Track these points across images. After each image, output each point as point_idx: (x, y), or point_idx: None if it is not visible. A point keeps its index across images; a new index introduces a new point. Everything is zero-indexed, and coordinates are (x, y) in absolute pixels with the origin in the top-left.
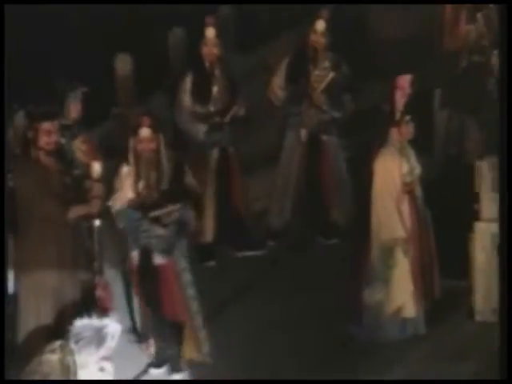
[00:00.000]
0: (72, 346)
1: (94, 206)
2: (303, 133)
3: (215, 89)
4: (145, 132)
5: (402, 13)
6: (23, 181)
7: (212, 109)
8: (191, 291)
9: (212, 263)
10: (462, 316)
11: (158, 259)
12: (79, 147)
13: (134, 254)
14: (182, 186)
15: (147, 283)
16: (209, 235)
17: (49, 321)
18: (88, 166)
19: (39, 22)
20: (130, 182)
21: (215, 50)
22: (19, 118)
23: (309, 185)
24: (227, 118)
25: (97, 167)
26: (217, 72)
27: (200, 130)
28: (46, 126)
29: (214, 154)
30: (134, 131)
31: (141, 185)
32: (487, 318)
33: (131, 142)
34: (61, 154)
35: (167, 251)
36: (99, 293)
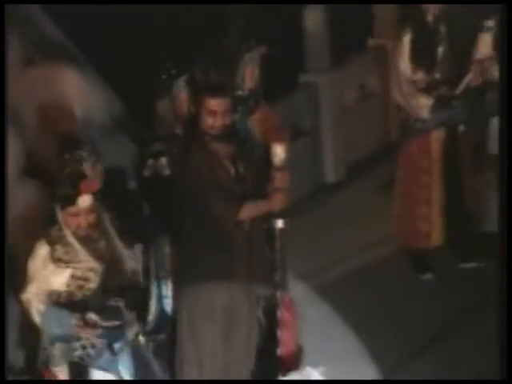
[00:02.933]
0: None
1: (277, 202)
2: None
3: (440, 50)
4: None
5: None
6: (184, 168)
7: (438, 76)
8: None
9: (429, 276)
10: None
11: None
12: (257, 125)
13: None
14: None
15: None
16: (434, 239)
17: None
18: (268, 150)
19: None
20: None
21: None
22: (178, 87)
23: None
24: (458, 90)
25: (280, 151)
26: (442, 29)
27: (423, 104)
28: (212, 103)
29: (440, 134)
30: None
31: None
32: None
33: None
34: (233, 134)
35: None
36: (283, 314)
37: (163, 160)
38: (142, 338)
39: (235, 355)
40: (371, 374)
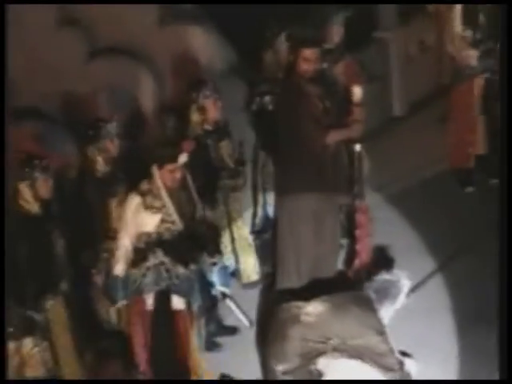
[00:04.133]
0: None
1: (355, 131)
2: None
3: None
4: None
5: None
6: (284, 104)
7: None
8: None
9: (470, 189)
10: None
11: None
12: (341, 71)
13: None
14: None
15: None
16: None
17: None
18: (349, 91)
19: None
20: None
21: None
22: (280, 42)
23: None
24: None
25: (358, 91)
26: None
27: (471, 55)
28: (307, 53)
29: (482, 80)
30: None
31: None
32: None
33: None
34: (322, 78)
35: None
36: (360, 217)
37: (267, 98)
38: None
39: (324, 249)
40: (429, 264)
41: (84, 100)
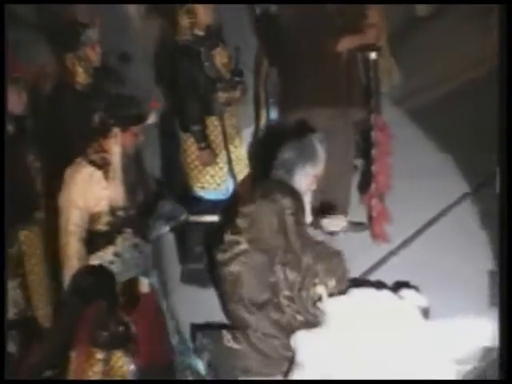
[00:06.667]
0: None
1: (370, 36)
2: None
3: None
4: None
5: None
6: (286, 11)
7: None
8: None
9: None
10: None
11: None
12: None
13: None
14: None
15: None
16: None
17: None
18: None
19: None
20: None
21: None
22: None
23: None
24: None
25: None
26: None
27: None
28: None
29: None
30: None
31: None
32: None
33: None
34: None
35: None
36: (377, 135)
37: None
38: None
39: (336, 170)
40: (459, 187)
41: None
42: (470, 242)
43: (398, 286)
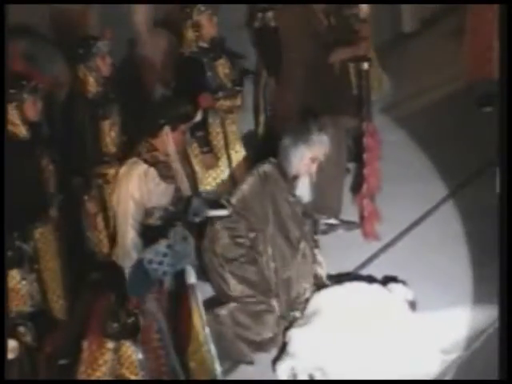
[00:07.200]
0: None
1: (362, 49)
2: None
3: None
4: None
5: None
6: (285, 20)
7: None
8: None
9: (489, 109)
10: None
11: None
12: None
13: None
14: None
15: None
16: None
17: None
18: (356, 7)
19: None
20: None
21: None
22: None
23: None
24: None
25: (365, 7)
26: None
27: None
28: None
29: None
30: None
31: None
32: None
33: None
34: None
35: None
36: (368, 140)
37: (270, 14)
38: None
39: (329, 174)
40: (439, 189)
41: (74, 16)
42: (452, 240)
43: (387, 281)
